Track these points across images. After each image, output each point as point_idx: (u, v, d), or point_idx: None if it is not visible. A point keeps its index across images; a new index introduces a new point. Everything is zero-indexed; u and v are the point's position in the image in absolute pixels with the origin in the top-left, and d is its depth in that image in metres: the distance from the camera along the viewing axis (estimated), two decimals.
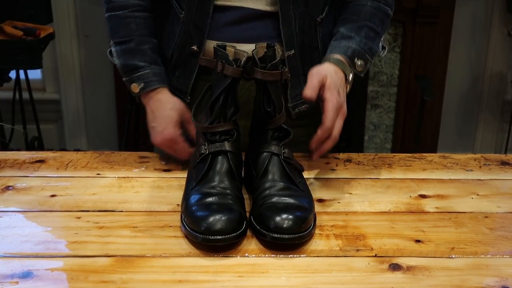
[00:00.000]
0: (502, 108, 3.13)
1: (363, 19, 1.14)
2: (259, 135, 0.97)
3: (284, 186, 0.91)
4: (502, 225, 0.93)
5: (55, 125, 3.14)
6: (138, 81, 1.11)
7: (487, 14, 2.98)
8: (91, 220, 0.92)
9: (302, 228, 0.84)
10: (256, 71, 0.92)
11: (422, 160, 1.18)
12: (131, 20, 1.12)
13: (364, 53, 1.11)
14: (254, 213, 0.89)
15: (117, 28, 1.13)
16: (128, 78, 1.12)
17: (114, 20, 1.13)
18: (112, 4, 1.13)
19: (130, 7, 1.13)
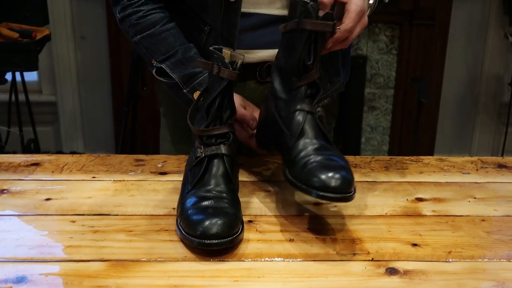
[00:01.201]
0: (499, 110, 3.13)
1: None
2: (288, 94, 0.94)
3: (322, 145, 0.90)
4: (499, 229, 0.93)
5: (52, 127, 3.14)
6: (200, 87, 1.06)
7: (483, 16, 2.98)
8: (86, 224, 0.91)
9: (349, 189, 0.83)
10: (305, 22, 0.89)
11: (419, 163, 1.18)
12: (167, 34, 1.09)
13: None
14: (294, 172, 0.87)
15: (156, 46, 1.09)
16: (190, 88, 1.08)
17: (149, 40, 1.09)
18: (139, 26, 1.09)
19: (159, 22, 1.09)
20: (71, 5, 2.90)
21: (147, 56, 1.10)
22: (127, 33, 1.11)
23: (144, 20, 1.08)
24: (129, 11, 1.08)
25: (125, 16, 1.09)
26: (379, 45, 2.89)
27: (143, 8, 1.09)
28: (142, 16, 1.08)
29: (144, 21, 1.08)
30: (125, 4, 1.09)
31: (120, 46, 2.84)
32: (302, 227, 0.92)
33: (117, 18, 1.11)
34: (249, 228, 0.91)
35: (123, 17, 1.10)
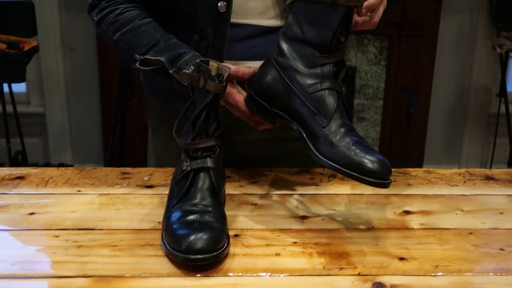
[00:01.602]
0: (487, 121, 3.14)
1: None
2: (309, 68, 0.93)
3: (351, 127, 0.91)
4: (487, 242, 0.92)
5: (40, 139, 3.11)
6: (186, 66, 1.02)
7: (471, 27, 3.00)
8: (70, 239, 0.90)
9: (390, 174, 0.85)
10: None
11: (407, 175, 1.18)
12: (146, 27, 1.07)
13: None
14: (330, 152, 0.87)
15: (137, 40, 1.06)
16: (175, 68, 1.02)
17: (129, 34, 1.07)
18: (118, 23, 1.07)
19: (137, 17, 1.08)
20: (60, 16, 2.89)
21: (129, 53, 1.07)
22: (106, 34, 1.09)
23: (122, 16, 1.07)
24: (107, 11, 1.07)
25: (102, 16, 1.08)
26: (368, 56, 2.90)
27: (121, 6, 1.08)
28: (120, 13, 1.07)
29: (122, 17, 1.07)
30: (103, 6, 1.08)
31: (109, 57, 2.83)
32: (288, 241, 0.91)
33: (95, 22, 1.10)
34: (235, 243, 0.90)
35: (100, 18, 1.08)
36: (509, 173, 1.19)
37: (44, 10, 2.86)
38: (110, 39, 1.09)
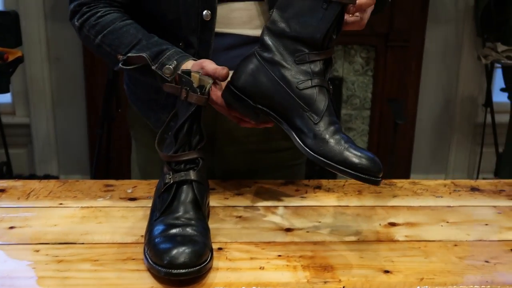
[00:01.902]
0: (474, 130, 3.16)
1: None
2: (297, 65, 0.92)
3: (339, 124, 0.91)
4: (471, 254, 0.92)
5: (25, 150, 3.08)
6: (169, 61, 1.01)
7: (457, 38, 3.02)
8: (50, 254, 0.88)
9: (381, 172, 0.86)
10: None
11: (392, 186, 1.17)
12: (128, 28, 1.06)
13: None
14: (330, 153, 0.87)
15: (119, 40, 1.05)
16: (158, 64, 1.02)
17: (111, 36, 1.06)
18: (99, 26, 1.07)
19: (118, 19, 1.07)
20: (46, 26, 2.87)
21: (112, 55, 1.06)
22: (88, 39, 1.08)
23: (103, 19, 1.06)
24: (88, 15, 1.07)
25: (83, 20, 1.07)
26: (354, 66, 2.91)
27: (101, 9, 1.07)
28: (101, 16, 1.06)
29: (103, 19, 1.06)
30: (84, 11, 1.07)
31: (95, 67, 2.81)
32: (273, 255, 0.90)
33: (76, 27, 1.09)
34: (219, 256, 0.89)
35: (81, 23, 1.07)
36: (494, 184, 1.19)
37: (29, 20, 2.84)
38: (92, 43, 1.08)
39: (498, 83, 3.03)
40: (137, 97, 1.21)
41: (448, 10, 2.98)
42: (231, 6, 1.06)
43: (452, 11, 2.98)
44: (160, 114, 1.16)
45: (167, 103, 1.14)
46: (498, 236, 0.98)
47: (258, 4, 1.06)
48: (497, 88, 2.94)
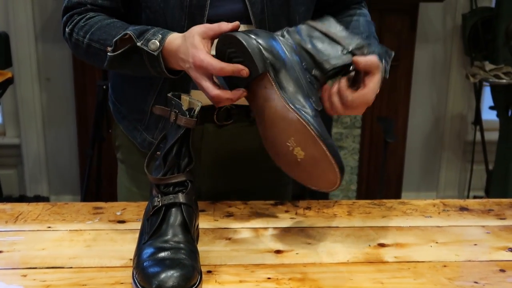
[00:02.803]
0: (464, 148, 3.18)
1: (363, 31, 1.14)
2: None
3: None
4: (461, 275, 0.92)
5: (15, 170, 3.07)
6: (154, 36, 1.00)
7: (446, 57, 3.05)
8: (37, 278, 0.87)
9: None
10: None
11: (382, 206, 1.17)
12: (115, 23, 1.06)
13: (385, 54, 1.09)
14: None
15: (106, 34, 1.04)
16: (143, 41, 1.00)
17: (99, 32, 1.05)
18: (88, 26, 1.07)
19: (106, 18, 1.08)
20: (36, 47, 2.87)
21: (101, 50, 1.05)
22: (77, 43, 1.08)
23: (91, 20, 1.07)
24: (77, 19, 1.08)
25: (73, 25, 1.08)
26: None
27: (90, 12, 1.09)
28: (89, 17, 1.08)
29: (91, 20, 1.07)
30: (74, 18, 1.08)
31: (86, 87, 2.81)
32: (262, 277, 0.90)
33: (67, 34, 1.09)
34: (208, 279, 0.88)
35: (72, 28, 1.08)
36: (483, 203, 1.19)
37: (20, 41, 2.84)
38: (82, 45, 1.07)
39: (487, 101, 3.06)
40: (123, 116, 1.21)
41: (436, 30, 3.02)
42: None
43: (440, 31, 3.02)
44: (145, 135, 1.16)
45: (150, 124, 1.14)
46: (487, 256, 0.98)
47: (246, 26, 1.07)
48: (486, 106, 2.97)
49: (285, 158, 0.95)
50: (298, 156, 0.92)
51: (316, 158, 0.91)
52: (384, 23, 2.74)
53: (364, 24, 1.17)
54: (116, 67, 1.07)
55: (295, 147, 0.92)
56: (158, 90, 1.11)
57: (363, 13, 1.20)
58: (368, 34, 1.14)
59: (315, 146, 0.90)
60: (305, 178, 0.95)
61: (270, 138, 0.96)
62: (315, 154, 0.90)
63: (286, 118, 0.92)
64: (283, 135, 0.93)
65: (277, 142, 0.95)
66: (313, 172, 0.93)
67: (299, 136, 0.91)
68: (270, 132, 0.96)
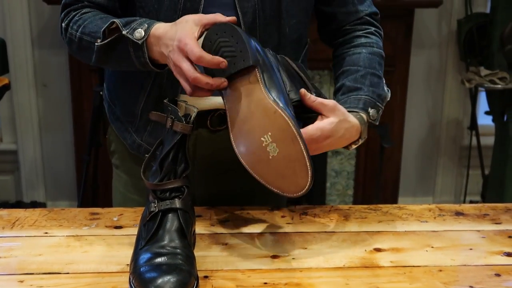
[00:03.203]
0: (460, 153, 3.19)
1: (363, 67, 1.14)
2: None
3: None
4: (456, 279, 0.92)
5: (12, 176, 3.06)
6: (140, 26, 1.00)
7: (441, 62, 3.07)
8: (34, 284, 0.88)
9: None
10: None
11: (378, 211, 1.18)
12: (106, 17, 1.06)
13: (375, 102, 1.10)
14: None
15: (97, 27, 1.04)
16: (129, 30, 1.00)
17: (90, 25, 1.05)
18: (81, 20, 1.07)
19: (99, 13, 1.09)
20: (33, 52, 2.88)
21: (92, 43, 1.05)
22: (71, 38, 1.08)
23: (86, 15, 1.08)
24: (73, 14, 1.09)
25: (69, 20, 1.09)
26: None
27: (86, 8, 1.10)
28: (84, 13, 1.08)
29: (86, 15, 1.08)
30: (71, 13, 1.09)
31: (82, 93, 2.81)
32: (259, 282, 0.90)
33: (63, 29, 1.10)
34: (205, 284, 0.89)
35: (67, 23, 1.09)
36: (478, 208, 1.20)
37: (16, 47, 2.85)
38: (74, 40, 1.08)
39: (482, 106, 3.07)
40: (116, 117, 1.22)
41: (431, 36, 3.03)
42: None
43: (436, 37, 3.04)
44: (134, 137, 1.17)
45: (140, 127, 1.15)
46: (482, 260, 0.99)
47: None
48: (482, 111, 2.98)
49: (254, 155, 0.92)
50: (271, 153, 0.91)
51: (290, 158, 0.90)
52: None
53: (365, 59, 1.15)
54: (103, 60, 1.06)
55: (271, 142, 0.91)
56: (147, 92, 1.12)
57: (370, 43, 1.17)
58: (364, 73, 1.13)
59: (293, 145, 0.89)
60: (272, 179, 0.92)
61: (243, 133, 0.93)
62: (291, 152, 0.89)
63: (268, 112, 0.91)
64: (260, 129, 0.92)
65: (250, 137, 0.92)
66: (283, 172, 0.91)
67: (278, 132, 0.90)
68: (245, 126, 0.93)
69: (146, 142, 1.15)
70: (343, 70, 1.15)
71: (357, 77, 1.12)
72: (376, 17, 1.22)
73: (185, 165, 0.93)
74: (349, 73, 1.14)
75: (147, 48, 0.99)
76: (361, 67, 1.13)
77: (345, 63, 1.16)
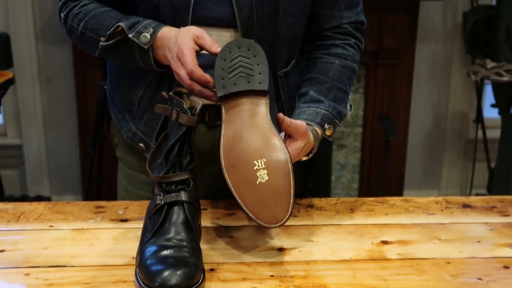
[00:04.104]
0: (466, 146, 3.17)
1: (331, 79, 1.12)
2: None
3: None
4: (464, 271, 0.92)
5: (17, 171, 3.07)
6: (145, 30, 1.01)
7: (446, 55, 3.05)
8: (40, 277, 0.87)
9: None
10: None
11: (385, 204, 1.17)
12: (108, 12, 1.07)
13: (333, 118, 1.09)
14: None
15: (100, 24, 1.05)
16: (134, 33, 1.02)
17: (92, 21, 1.06)
18: (82, 13, 1.08)
19: (100, 7, 1.08)
20: (37, 47, 2.87)
21: (95, 39, 1.06)
22: (72, 29, 1.09)
23: (85, 7, 1.08)
24: (71, 6, 1.09)
25: (68, 11, 1.09)
26: None
27: (84, 1, 1.10)
28: (83, 5, 1.09)
29: (85, 8, 1.08)
30: (69, 4, 1.10)
31: (86, 88, 2.81)
32: (265, 275, 0.90)
33: (62, 20, 1.11)
34: (211, 277, 0.88)
35: (66, 14, 1.09)
36: (486, 200, 1.19)
37: (20, 42, 2.84)
38: (76, 32, 1.09)
39: (488, 99, 3.06)
40: (115, 105, 1.21)
41: (437, 28, 3.02)
42: (206, 31, 1.03)
43: (441, 29, 3.02)
44: (130, 125, 1.16)
45: (137, 115, 1.15)
46: (490, 253, 0.98)
47: (233, 32, 1.06)
48: (488, 104, 2.96)
49: (241, 175, 0.91)
50: (259, 179, 0.90)
51: (278, 189, 0.89)
52: (384, 23, 2.74)
53: (335, 71, 1.13)
54: (107, 56, 1.09)
55: (262, 168, 0.90)
56: (148, 83, 1.12)
57: (345, 56, 1.15)
58: (331, 85, 1.12)
59: (284, 179, 0.90)
60: (251, 203, 0.90)
61: (236, 150, 0.92)
62: (279, 185, 0.89)
63: (269, 141, 0.92)
64: (255, 153, 0.91)
65: (242, 157, 0.91)
66: (265, 200, 0.89)
67: (274, 162, 0.90)
68: (241, 144, 0.92)
69: (141, 131, 1.15)
70: (312, 77, 1.13)
71: (322, 88, 1.11)
72: (361, 27, 1.18)
73: (191, 158, 0.93)
74: (316, 82, 1.12)
75: (152, 52, 1.01)
76: (329, 78, 1.12)
77: (315, 69, 1.14)
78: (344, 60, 1.14)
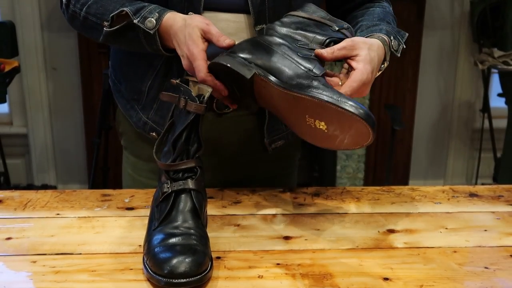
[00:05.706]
0: (472, 136, 3.16)
1: (377, 18, 1.11)
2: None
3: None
4: (471, 260, 0.91)
5: (23, 160, 3.08)
6: (150, 14, 1.00)
7: (453, 44, 3.03)
8: (47, 264, 0.88)
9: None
10: None
11: (391, 193, 1.17)
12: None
13: (396, 34, 1.07)
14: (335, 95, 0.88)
15: (104, 8, 1.04)
16: (139, 18, 1.00)
17: (95, 5, 1.04)
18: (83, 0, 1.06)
19: None
20: (42, 36, 2.87)
21: (98, 24, 1.05)
22: (74, 15, 1.07)
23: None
24: None
25: None
26: None
27: None
28: None
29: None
30: None
31: (92, 76, 2.81)
32: (271, 263, 0.90)
33: (64, 5, 1.09)
34: (218, 265, 0.88)
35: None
36: (492, 189, 1.18)
37: (26, 31, 2.84)
38: (78, 17, 1.07)
39: (495, 88, 3.04)
40: (121, 95, 1.21)
41: (444, 17, 3.00)
42: (218, 16, 1.05)
43: (448, 18, 3.00)
44: (140, 114, 1.16)
45: (146, 104, 1.14)
46: (497, 242, 0.98)
47: (246, 17, 1.06)
48: (494, 94, 2.95)
49: (315, 135, 0.92)
50: (323, 128, 0.90)
51: (333, 121, 0.88)
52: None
53: (379, 12, 1.14)
54: (112, 42, 1.08)
55: (315, 121, 0.90)
56: (156, 71, 1.11)
57: (382, 5, 1.17)
58: (380, 18, 1.11)
59: (325, 111, 0.87)
60: (341, 144, 0.91)
61: (295, 128, 0.96)
62: (331, 117, 0.87)
63: (289, 101, 0.91)
64: (298, 117, 0.92)
65: (298, 125, 0.94)
66: (342, 135, 0.89)
67: (308, 110, 0.89)
68: (288, 121, 0.96)
69: (152, 120, 1.14)
70: (358, 20, 1.13)
71: (373, 19, 1.10)
72: None
73: (198, 146, 0.92)
74: (365, 20, 1.11)
75: (159, 36, 0.99)
76: (375, 18, 1.11)
77: (358, 16, 1.13)
78: (383, 9, 1.15)
